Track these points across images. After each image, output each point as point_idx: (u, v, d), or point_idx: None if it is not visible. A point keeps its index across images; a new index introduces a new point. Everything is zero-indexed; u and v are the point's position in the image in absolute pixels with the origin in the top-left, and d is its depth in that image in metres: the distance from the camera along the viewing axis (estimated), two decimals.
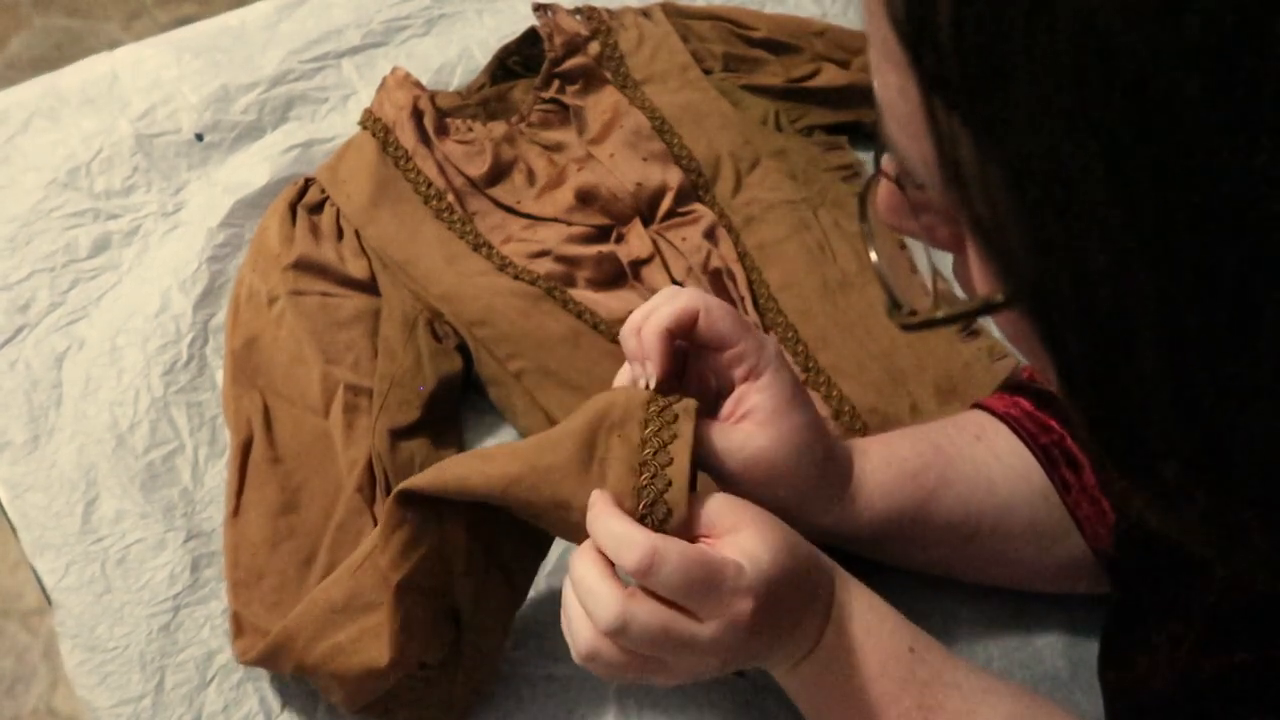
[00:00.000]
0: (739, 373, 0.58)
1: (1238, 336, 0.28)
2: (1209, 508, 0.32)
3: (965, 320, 0.38)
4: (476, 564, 0.60)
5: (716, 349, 0.58)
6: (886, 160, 0.39)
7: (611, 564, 0.52)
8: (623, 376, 0.60)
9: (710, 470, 0.58)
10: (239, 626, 0.66)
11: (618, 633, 0.51)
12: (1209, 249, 0.27)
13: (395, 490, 0.58)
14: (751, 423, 0.58)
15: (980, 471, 0.65)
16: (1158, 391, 0.30)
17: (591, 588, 0.52)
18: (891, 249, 0.42)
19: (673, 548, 0.50)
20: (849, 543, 0.65)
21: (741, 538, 0.52)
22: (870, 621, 0.56)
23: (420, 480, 0.58)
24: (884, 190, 0.40)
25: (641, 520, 0.53)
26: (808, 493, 0.60)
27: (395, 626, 0.59)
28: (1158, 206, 0.27)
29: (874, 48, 0.33)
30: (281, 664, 0.62)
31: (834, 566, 0.57)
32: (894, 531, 0.64)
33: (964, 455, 0.65)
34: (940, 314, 0.38)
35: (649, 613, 0.50)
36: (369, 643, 0.59)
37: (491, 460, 0.57)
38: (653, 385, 0.56)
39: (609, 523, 0.52)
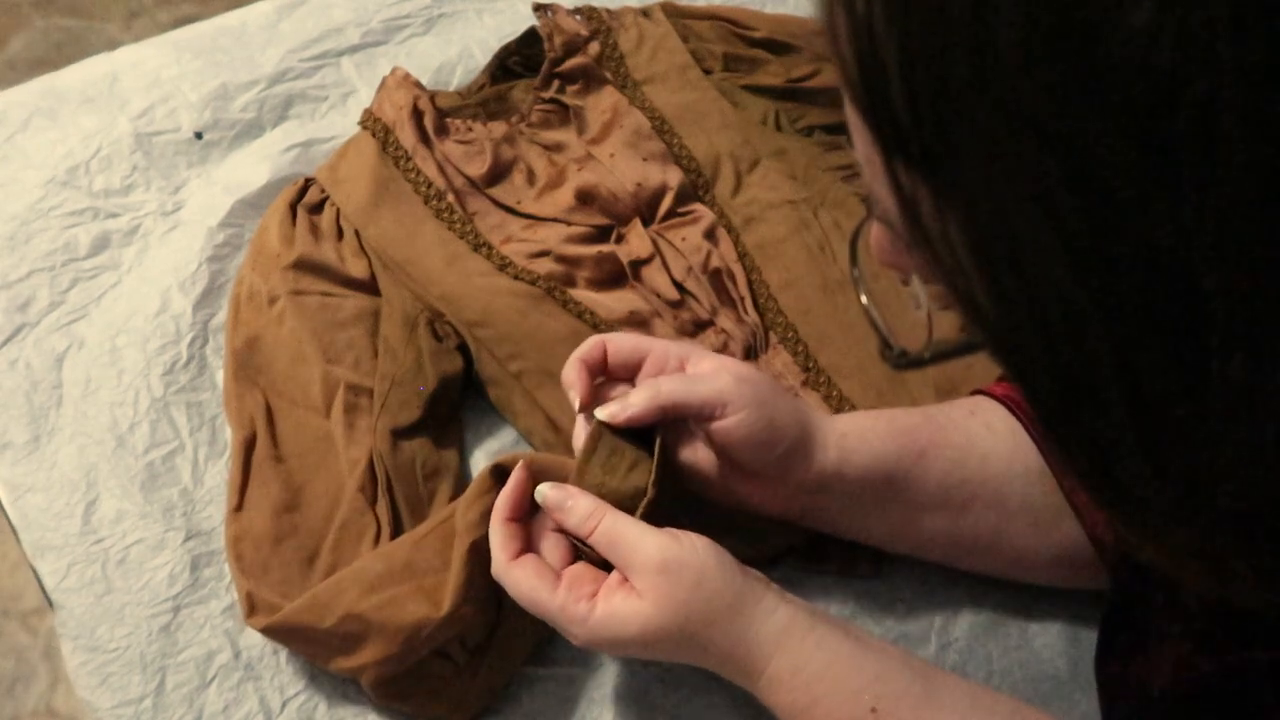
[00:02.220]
0: (673, 367, 0.64)
1: (1191, 382, 0.29)
2: (1188, 541, 0.33)
3: (949, 359, 0.42)
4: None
5: (636, 363, 0.64)
6: (877, 206, 0.40)
7: (517, 527, 0.61)
8: (577, 430, 0.65)
9: (698, 413, 0.61)
10: (252, 605, 0.66)
11: (500, 580, 0.60)
12: (1152, 299, 0.28)
13: (491, 464, 0.65)
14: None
15: (974, 442, 0.65)
16: (1124, 434, 0.31)
17: (491, 539, 0.61)
18: (889, 289, 0.45)
19: (509, 578, 0.59)
20: (850, 503, 0.65)
21: (628, 596, 0.57)
22: (819, 691, 0.56)
23: (512, 458, 0.64)
24: (876, 231, 0.43)
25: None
26: (801, 418, 0.62)
27: (460, 580, 0.62)
28: (1102, 263, 0.28)
29: (846, 108, 0.35)
30: (326, 615, 0.63)
31: (785, 634, 0.57)
32: (891, 487, 0.64)
33: (957, 425, 0.65)
34: (928, 354, 0.42)
35: (515, 582, 0.59)
36: (425, 598, 0.63)
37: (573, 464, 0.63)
38: (576, 408, 0.63)
39: (492, 525, 0.61)
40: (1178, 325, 0.28)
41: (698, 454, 0.64)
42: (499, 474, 0.64)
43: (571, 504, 0.59)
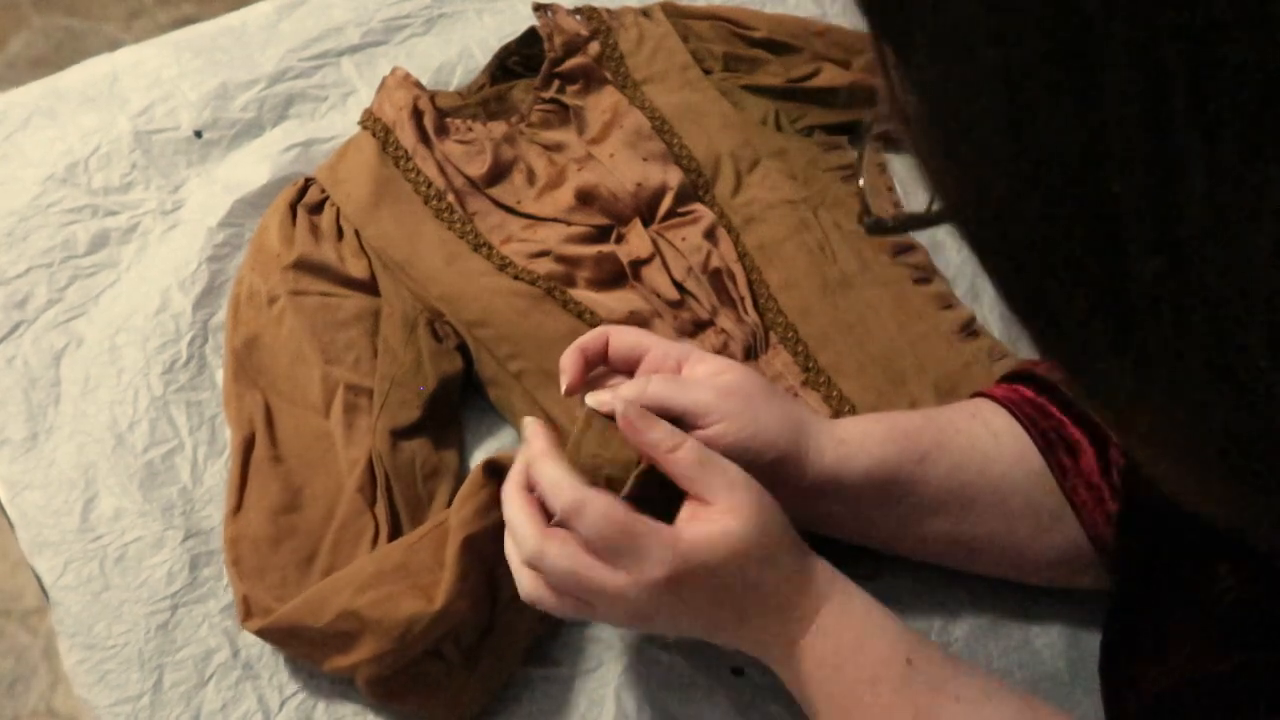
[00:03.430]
0: (670, 368, 0.64)
1: (1115, 260, 0.30)
2: (1153, 424, 0.34)
3: (913, 227, 0.43)
4: None
5: (636, 358, 0.64)
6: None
7: (535, 497, 0.58)
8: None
9: (681, 417, 0.61)
10: (248, 608, 0.66)
11: (535, 565, 0.56)
12: (1069, 194, 0.29)
13: (483, 461, 0.65)
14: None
15: (976, 445, 0.65)
16: (1075, 298, 0.31)
17: (514, 522, 0.58)
18: (874, 173, 0.48)
19: (597, 503, 0.55)
20: (849, 507, 0.65)
21: (712, 517, 0.56)
22: (865, 632, 0.57)
23: (506, 455, 0.64)
24: None
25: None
26: (793, 425, 0.62)
27: (454, 576, 0.62)
28: (1034, 144, 0.29)
29: None
30: (320, 614, 0.63)
31: (833, 578, 0.59)
32: (891, 492, 0.64)
33: (959, 428, 0.65)
34: (891, 223, 0.44)
35: (560, 553, 0.55)
36: (419, 594, 0.63)
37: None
38: (563, 391, 0.63)
39: (544, 466, 0.58)
40: (1092, 225, 0.29)
41: None
42: (492, 470, 0.64)
43: (652, 420, 0.58)
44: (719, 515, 0.56)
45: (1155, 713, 0.52)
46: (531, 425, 0.61)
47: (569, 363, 0.64)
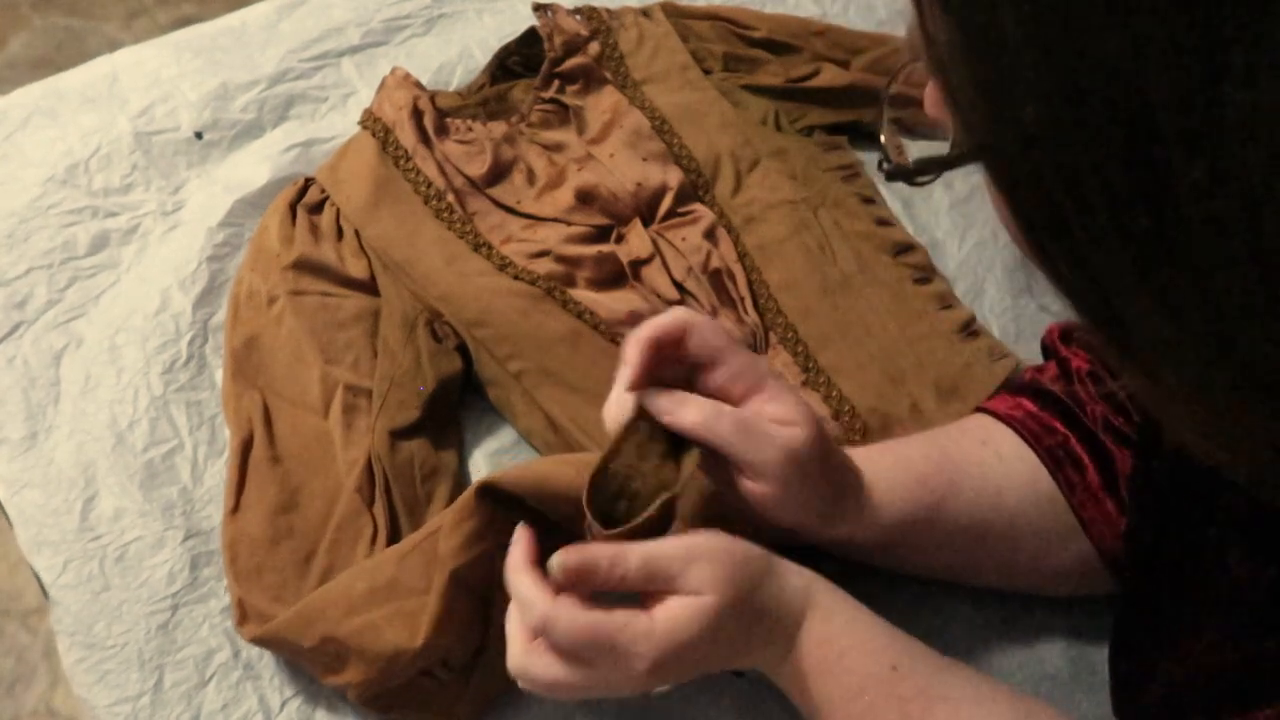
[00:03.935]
0: (739, 390, 0.59)
1: (1157, 191, 0.30)
2: (1182, 376, 0.34)
3: (936, 169, 0.42)
4: None
5: (710, 364, 0.59)
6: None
7: (542, 572, 0.55)
8: (612, 399, 0.60)
9: (733, 461, 0.58)
10: (243, 612, 0.65)
11: (546, 630, 0.54)
12: (1114, 106, 0.30)
13: (478, 483, 0.61)
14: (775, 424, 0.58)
15: (988, 478, 0.65)
16: (1107, 238, 0.32)
17: (520, 592, 0.55)
18: (891, 131, 0.48)
19: (563, 615, 0.53)
20: (862, 552, 0.65)
21: (683, 600, 0.54)
22: (846, 644, 0.57)
23: (504, 476, 0.61)
24: (930, 86, 0.43)
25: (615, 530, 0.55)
26: (829, 494, 0.60)
27: (438, 611, 0.61)
28: (1071, 66, 0.30)
29: None
30: (306, 635, 0.62)
31: (809, 591, 0.57)
32: (906, 538, 0.64)
33: (971, 460, 0.65)
34: (913, 163, 0.43)
35: (572, 616, 0.53)
36: (403, 624, 0.61)
37: (572, 464, 0.60)
38: (624, 387, 0.57)
39: (518, 579, 0.56)
40: (1135, 134, 0.30)
41: (729, 489, 0.61)
42: (485, 494, 0.62)
43: (591, 561, 0.54)
44: (686, 598, 0.54)
45: (1168, 705, 0.52)
46: (519, 532, 0.58)
47: (636, 356, 0.57)
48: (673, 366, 0.59)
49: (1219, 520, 0.49)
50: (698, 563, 0.54)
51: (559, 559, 0.54)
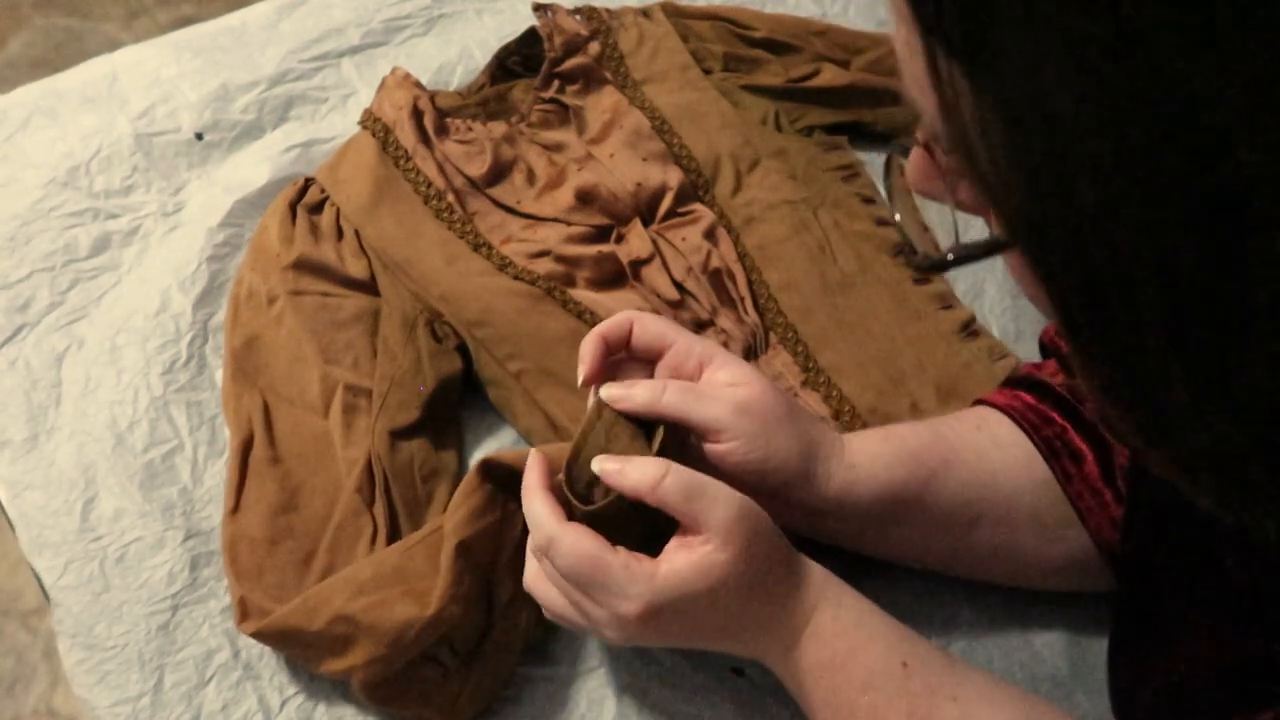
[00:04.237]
0: (691, 366, 0.63)
1: (1226, 262, 0.29)
2: (1208, 444, 0.33)
3: (971, 260, 0.41)
4: (519, 561, 0.64)
5: (659, 351, 0.63)
6: (920, 127, 0.41)
7: (553, 496, 0.59)
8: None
9: (693, 430, 0.61)
10: (245, 610, 0.66)
11: (547, 550, 0.57)
12: (1193, 178, 0.28)
13: (479, 461, 0.64)
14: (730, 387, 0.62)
15: (982, 459, 0.65)
16: (1152, 325, 0.31)
17: (531, 512, 0.58)
18: (909, 208, 0.45)
19: (567, 539, 0.55)
20: (858, 535, 0.65)
21: (696, 547, 0.55)
22: (858, 639, 0.57)
23: (504, 454, 0.64)
24: (914, 155, 0.42)
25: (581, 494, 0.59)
26: (800, 447, 0.61)
27: (448, 580, 0.62)
28: (1141, 139, 0.28)
29: (888, 3, 0.35)
30: (314, 619, 0.63)
31: (824, 584, 0.58)
32: (897, 512, 0.64)
33: (965, 442, 0.65)
34: (951, 256, 0.41)
35: (575, 540, 0.55)
36: (414, 600, 0.62)
37: (565, 450, 0.62)
38: (580, 381, 0.62)
39: (530, 499, 0.59)
40: (1214, 201, 0.28)
41: (701, 457, 0.64)
42: (486, 472, 0.64)
43: (629, 466, 0.56)
44: (706, 546, 0.55)
45: (1166, 705, 0.52)
46: (532, 455, 0.61)
47: (589, 351, 0.62)
48: (631, 365, 0.64)
49: (1216, 522, 0.50)
50: (738, 520, 0.55)
51: (601, 461, 0.57)
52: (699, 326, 0.78)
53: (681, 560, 0.55)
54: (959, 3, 0.30)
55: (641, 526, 0.58)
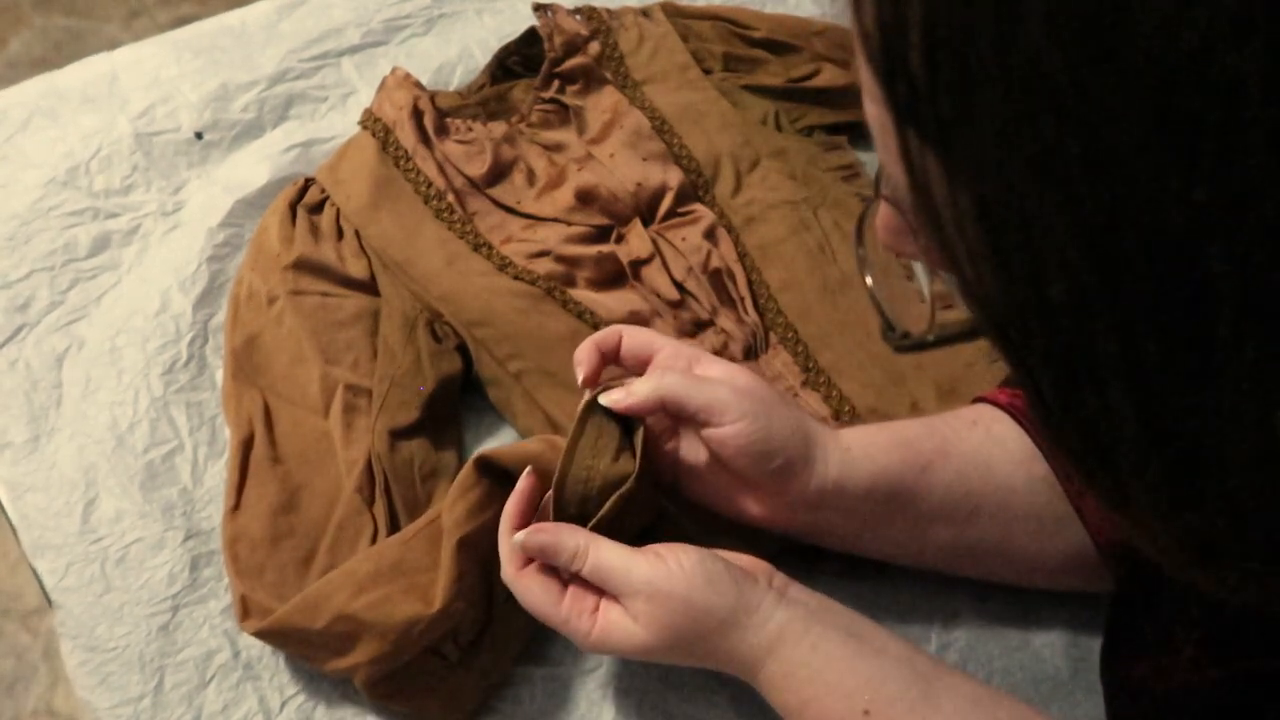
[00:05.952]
0: (680, 368, 0.64)
1: (1197, 369, 0.29)
2: (1182, 529, 0.33)
3: (953, 344, 0.41)
4: None
5: (648, 357, 0.65)
6: (887, 184, 0.40)
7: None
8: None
9: (694, 416, 0.62)
10: (246, 608, 0.66)
11: (509, 588, 0.61)
12: (1162, 283, 0.28)
13: (474, 456, 0.65)
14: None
15: (978, 452, 0.65)
16: (1124, 418, 0.31)
17: (500, 549, 0.62)
18: (894, 276, 0.45)
19: (518, 586, 0.60)
20: (853, 519, 0.64)
21: (620, 621, 0.58)
22: (813, 691, 0.57)
23: (498, 451, 0.65)
24: (884, 213, 0.42)
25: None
26: (797, 433, 0.62)
27: (451, 577, 0.63)
28: (1112, 246, 0.28)
29: (859, 76, 0.34)
30: (316, 617, 0.63)
31: (779, 635, 0.58)
32: (894, 502, 0.63)
33: (961, 436, 0.65)
34: (931, 337, 0.41)
35: (525, 591, 0.60)
36: (417, 596, 0.63)
37: (559, 448, 0.63)
38: (579, 382, 0.64)
39: (500, 537, 0.62)
40: (1185, 311, 0.28)
41: (699, 458, 0.64)
42: (483, 468, 0.64)
43: (557, 545, 0.59)
44: (626, 619, 0.58)
45: (1156, 713, 0.52)
46: (520, 482, 0.63)
47: (586, 356, 0.64)
48: (623, 377, 0.65)
49: None
50: (643, 597, 0.57)
51: (524, 535, 0.60)
52: (699, 326, 0.78)
53: (614, 620, 0.59)
54: (935, 96, 0.30)
55: (639, 526, 0.59)
